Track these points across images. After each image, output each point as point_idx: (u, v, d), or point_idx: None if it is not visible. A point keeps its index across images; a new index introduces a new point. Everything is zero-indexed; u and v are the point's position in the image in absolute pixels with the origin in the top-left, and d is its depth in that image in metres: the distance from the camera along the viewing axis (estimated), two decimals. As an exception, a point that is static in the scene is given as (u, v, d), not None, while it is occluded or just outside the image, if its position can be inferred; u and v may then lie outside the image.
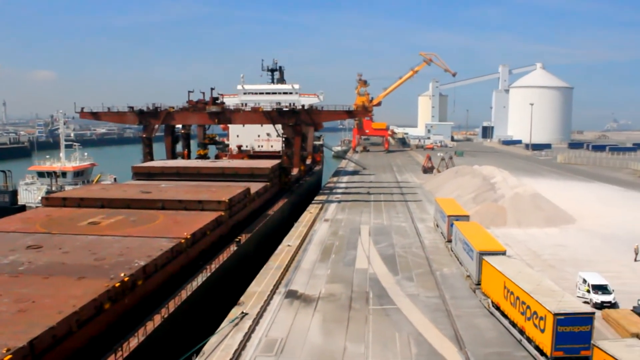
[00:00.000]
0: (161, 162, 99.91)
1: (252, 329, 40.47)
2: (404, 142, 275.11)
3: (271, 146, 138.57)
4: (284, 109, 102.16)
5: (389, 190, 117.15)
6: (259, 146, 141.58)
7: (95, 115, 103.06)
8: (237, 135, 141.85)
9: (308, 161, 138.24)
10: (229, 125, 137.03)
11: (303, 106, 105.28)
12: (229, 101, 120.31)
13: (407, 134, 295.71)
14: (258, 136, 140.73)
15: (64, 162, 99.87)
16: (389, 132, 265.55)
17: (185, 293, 44.09)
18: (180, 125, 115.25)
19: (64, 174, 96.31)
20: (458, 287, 50.81)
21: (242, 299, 46.93)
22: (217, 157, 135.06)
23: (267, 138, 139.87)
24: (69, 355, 30.78)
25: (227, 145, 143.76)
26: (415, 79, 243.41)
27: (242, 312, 43.26)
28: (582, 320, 33.31)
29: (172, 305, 41.07)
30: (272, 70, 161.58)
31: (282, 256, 60.80)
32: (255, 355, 36.56)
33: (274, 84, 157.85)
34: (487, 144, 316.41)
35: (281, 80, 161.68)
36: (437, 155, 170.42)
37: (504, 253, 48.66)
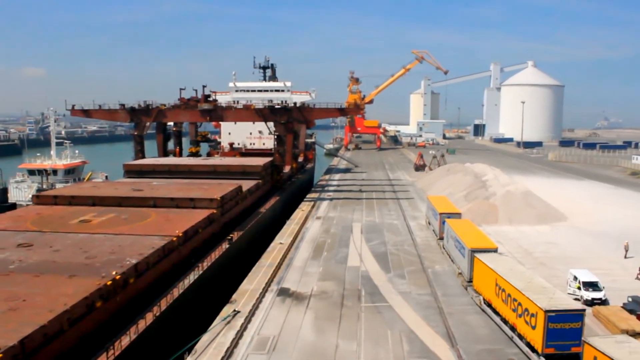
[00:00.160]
0: (153, 160, 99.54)
1: (244, 327, 40.44)
2: (396, 140, 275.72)
3: (263, 144, 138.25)
4: (276, 106, 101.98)
5: (381, 188, 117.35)
6: (250, 144, 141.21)
7: (87, 112, 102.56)
8: (229, 133, 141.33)
9: (300, 159, 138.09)
10: (221, 123, 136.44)
11: (295, 104, 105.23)
12: (221, 99, 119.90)
13: (399, 131, 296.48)
14: (250, 134, 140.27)
15: (55, 160, 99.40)
16: (381, 130, 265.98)
17: (177, 291, 43.98)
18: (172, 123, 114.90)
19: (54, 171, 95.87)
20: (450, 285, 50.98)
21: (234, 296, 46.88)
22: (209, 154, 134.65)
23: (259, 136, 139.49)
24: (60, 354, 30.63)
25: (219, 143, 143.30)
26: (407, 77, 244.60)
27: (234, 310, 43.20)
28: (572, 317, 33.49)
29: (164, 303, 40.97)
30: (264, 68, 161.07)
31: (274, 254, 60.77)
32: (248, 353, 36.54)
33: (266, 81, 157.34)
34: (479, 141, 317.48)
35: (273, 78, 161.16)
36: (429, 153, 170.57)
37: (495, 250, 48.81)
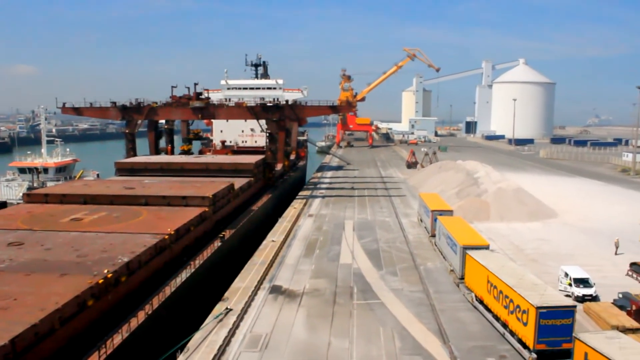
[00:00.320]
0: (144, 158, 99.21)
1: (236, 325, 40.41)
2: (387, 138, 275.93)
3: (255, 141, 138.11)
4: (268, 104, 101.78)
5: (373, 185, 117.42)
6: (242, 141, 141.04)
7: (78, 110, 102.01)
8: (221, 131, 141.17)
9: (292, 156, 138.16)
10: (213, 121, 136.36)
11: (287, 101, 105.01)
12: (213, 96, 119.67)
13: (391, 129, 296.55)
14: (242, 131, 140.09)
15: (46, 158, 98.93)
16: (373, 128, 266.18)
17: (169, 289, 43.93)
18: (163, 121, 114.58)
19: (45, 170, 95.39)
20: (442, 282, 51.12)
21: (226, 294, 46.83)
22: (200, 152, 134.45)
23: (251, 133, 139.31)
24: (52, 353, 30.51)
25: (211, 141, 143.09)
26: (399, 75, 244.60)
27: (227, 308, 43.17)
28: (564, 313, 33.68)
29: (156, 301, 40.90)
30: (256, 65, 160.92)
31: (266, 252, 60.72)
32: (240, 351, 36.51)
33: (258, 79, 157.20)
34: (471, 139, 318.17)
35: (265, 76, 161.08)
36: (420, 151, 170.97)
37: (487, 247, 49.02)
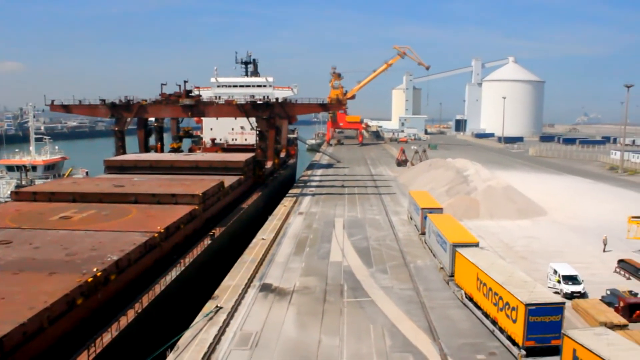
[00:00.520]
0: (134, 156, 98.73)
1: (226, 323, 40.34)
2: (377, 136, 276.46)
3: (245, 139, 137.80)
4: (258, 101, 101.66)
5: (363, 183, 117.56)
6: (232, 139, 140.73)
7: (66, 108, 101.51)
8: (211, 129, 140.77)
9: (282, 154, 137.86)
10: (203, 119, 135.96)
11: (277, 99, 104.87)
12: (202, 94, 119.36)
13: (381, 127, 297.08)
14: (232, 129, 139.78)
15: (34, 156, 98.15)
16: (363, 126, 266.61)
17: (159, 287, 43.79)
18: (153, 119, 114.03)
19: (34, 167, 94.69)
20: (432, 279, 51.28)
21: (216, 292, 46.73)
22: (190, 150, 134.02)
23: (240, 131, 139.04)
24: (40, 352, 30.33)
25: (201, 139, 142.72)
26: (389, 72, 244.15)
27: (217, 306, 43.09)
28: (552, 310, 33.89)
29: (146, 300, 40.77)
30: (246, 63, 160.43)
31: (256, 249, 60.64)
32: (230, 349, 36.47)
33: (247, 76, 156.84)
34: (460, 137, 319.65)
35: (255, 73, 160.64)
36: (410, 148, 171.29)
37: (476, 245, 49.21)
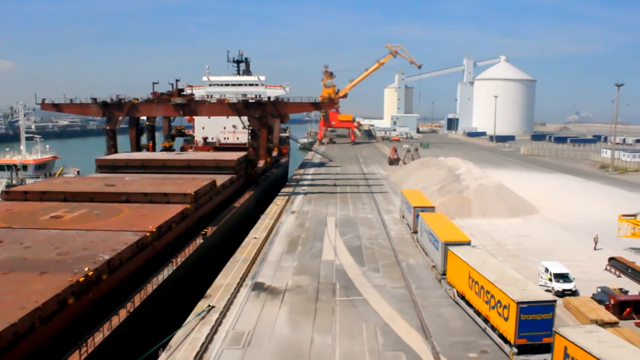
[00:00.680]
0: (126, 155, 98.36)
1: (219, 322, 40.29)
2: (370, 134, 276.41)
3: (237, 138, 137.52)
4: (250, 100, 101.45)
5: (355, 182, 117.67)
6: (224, 138, 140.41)
7: (57, 106, 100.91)
8: (203, 127, 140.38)
9: (274, 153, 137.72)
10: (195, 117, 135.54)
11: (269, 98, 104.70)
12: (195, 93, 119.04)
13: (373, 125, 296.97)
14: (224, 128, 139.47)
15: (25, 155, 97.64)
16: (355, 124, 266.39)
17: (151, 287, 43.62)
18: (145, 117, 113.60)
19: (24, 167, 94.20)
20: (424, 278, 51.41)
21: (208, 292, 46.66)
22: (182, 149, 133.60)
23: (232, 130, 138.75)
24: (32, 352, 30.18)
25: (192, 138, 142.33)
26: (381, 71, 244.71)
27: (209, 305, 43.03)
28: (544, 308, 34.04)
29: (138, 299, 40.63)
30: (238, 62, 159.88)
31: (248, 249, 60.58)
32: (223, 348, 36.42)
33: (239, 75, 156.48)
34: (452, 135, 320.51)
35: (247, 72, 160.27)
36: (402, 147, 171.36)
37: (468, 243, 49.30)
